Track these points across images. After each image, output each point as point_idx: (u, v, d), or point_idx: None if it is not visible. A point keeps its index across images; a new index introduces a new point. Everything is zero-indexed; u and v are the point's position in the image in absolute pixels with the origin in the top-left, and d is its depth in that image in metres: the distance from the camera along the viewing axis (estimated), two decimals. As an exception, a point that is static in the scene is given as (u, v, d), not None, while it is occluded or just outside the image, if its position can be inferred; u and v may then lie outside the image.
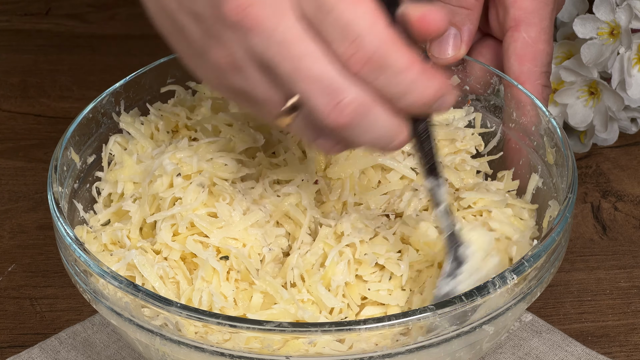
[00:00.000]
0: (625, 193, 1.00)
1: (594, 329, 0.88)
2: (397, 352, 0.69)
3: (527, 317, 0.87)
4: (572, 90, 1.00)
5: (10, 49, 1.21)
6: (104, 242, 0.80)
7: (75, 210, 0.81)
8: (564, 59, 1.02)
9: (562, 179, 0.79)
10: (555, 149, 0.81)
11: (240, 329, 0.67)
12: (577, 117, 1.01)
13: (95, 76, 1.16)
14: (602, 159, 1.04)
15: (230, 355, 0.69)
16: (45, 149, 1.06)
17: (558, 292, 0.91)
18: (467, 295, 0.69)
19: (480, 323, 0.71)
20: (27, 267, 0.94)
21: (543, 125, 0.83)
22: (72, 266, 0.75)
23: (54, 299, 0.91)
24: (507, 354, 0.84)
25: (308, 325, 0.68)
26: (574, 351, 0.84)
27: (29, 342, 0.87)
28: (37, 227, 0.98)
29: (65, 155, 0.81)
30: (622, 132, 1.05)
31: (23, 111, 1.12)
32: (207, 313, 0.68)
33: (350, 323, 0.67)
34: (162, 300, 0.69)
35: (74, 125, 0.83)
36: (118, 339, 0.86)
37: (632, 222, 0.97)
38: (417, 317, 0.68)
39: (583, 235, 0.96)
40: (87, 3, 1.29)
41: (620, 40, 0.97)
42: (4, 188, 1.02)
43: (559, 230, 0.74)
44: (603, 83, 0.99)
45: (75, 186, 0.82)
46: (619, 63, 0.99)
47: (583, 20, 0.98)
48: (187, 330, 0.69)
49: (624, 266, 0.93)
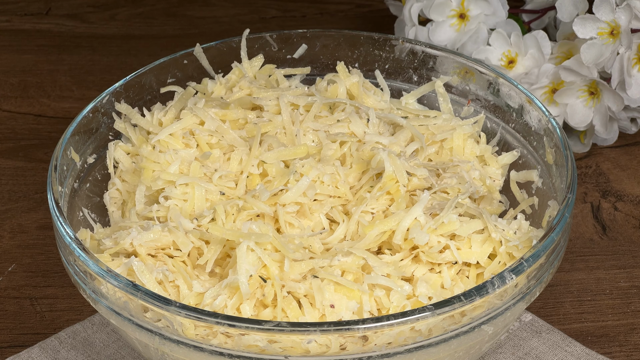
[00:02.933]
0: (625, 193, 1.00)
1: (593, 329, 0.88)
2: (396, 351, 0.69)
3: (526, 317, 0.87)
4: (572, 90, 1.00)
5: (10, 49, 1.21)
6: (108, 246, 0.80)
7: (75, 210, 0.82)
8: (564, 59, 1.02)
9: (562, 179, 0.79)
10: (555, 149, 0.81)
11: (240, 328, 0.67)
12: (577, 117, 1.01)
13: (95, 76, 1.17)
14: (602, 159, 1.04)
15: (229, 355, 0.69)
16: (45, 149, 1.06)
17: (558, 292, 0.91)
18: (465, 295, 0.69)
19: (479, 323, 0.71)
20: (27, 267, 0.94)
21: (542, 125, 0.83)
22: (71, 266, 0.75)
23: (54, 299, 0.91)
24: (507, 354, 0.84)
25: (307, 325, 0.68)
26: (573, 351, 0.84)
27: (29, 341, 0.87)
28: (37, 227, 0.98)
29: (65, 155, 0.81)
30: (622, 132, 1.05)
31: (23, 111, 1.12)
32: (206, 313, 0.68)
33: (349, 323, 0.67)
34: (161, 300, 0.69)
35: (74, 125, 0.83)
36: (118, 339, 0.86)
37: (632, 222, 0.97)
38: (416, 316, 0.68)
39: (583, 235, 0.96)
40: (87, 3, 1.29)
41: (620, 40, 0.97)
42: (4, 188, 1.02)
43: (558, 230, 0.74)
44: (603, 83, 0.99)
45: (75, 186, 0.82)
46: (619, 63, 0.99)
47: (583, 20, 0.98)
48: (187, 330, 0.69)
49: (624, 266, 0.93)
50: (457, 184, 0.80)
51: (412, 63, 0.91)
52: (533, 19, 1.08)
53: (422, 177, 0.80)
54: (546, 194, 0.82)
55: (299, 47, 0.92)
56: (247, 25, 1.24)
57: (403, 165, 0.80)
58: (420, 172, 0.80)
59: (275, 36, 0.91)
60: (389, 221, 0.77)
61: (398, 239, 0.76)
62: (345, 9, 1.28)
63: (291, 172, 0.80)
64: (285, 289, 0.74)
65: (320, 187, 0.81)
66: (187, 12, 1.26)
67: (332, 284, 0.74)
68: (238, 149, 0.83)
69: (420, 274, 0.76)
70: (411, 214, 0.76)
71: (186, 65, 0.90)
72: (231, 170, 0.83)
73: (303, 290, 0.73)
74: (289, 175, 0.80)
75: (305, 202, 0.80)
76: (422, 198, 0.77)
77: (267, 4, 1.29)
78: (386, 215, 0.79)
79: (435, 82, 0.90)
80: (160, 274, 0.75)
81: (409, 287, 0.75)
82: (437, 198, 0.79)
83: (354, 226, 0.79)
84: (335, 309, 0.73)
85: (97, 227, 0.82)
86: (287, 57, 0.92)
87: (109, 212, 0.83)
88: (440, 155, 0.86)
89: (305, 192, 0.80)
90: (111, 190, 0.84)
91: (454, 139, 0.85)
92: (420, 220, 0.76)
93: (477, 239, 0.76)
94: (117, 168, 0.84)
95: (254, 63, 0.90)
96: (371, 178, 0.82)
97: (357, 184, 0.82)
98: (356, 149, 0.83)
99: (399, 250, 0.77)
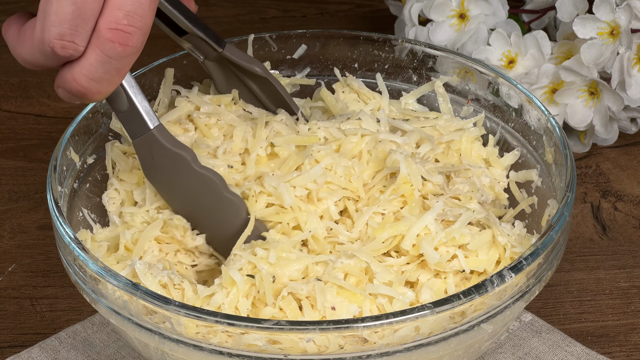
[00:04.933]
0: (625, 193, 1.00)
1: (593, 329, 0.87)
2: (395, 350, 0.69)
3: (526, 317, 0.87)
4: (572, 90, 1.00)
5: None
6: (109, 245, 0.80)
7: (75, 211, 0.82)
8: (564, 59, 1.02)
9: (561, 178, 0.79)
10: (554, 148, 0.81)
11: (239, 327, 0.67)
12: (577, 117, 1.01)
13: (95, 76, 1.16)
14: (602, 159, 1.04)
15: (229, 354, 0.69)
16: (45, 149, 1.06)
17: (558, 291, 0.91)
18: (465, 293, 0.69)
19: (478, 322, 0.71)
20: (27, 267, 0.94)
21: (542, 125, 0.83)
22: (71, 266, 0.75)
23: (54, 299, 0.91)
24: (507, 354, 0.84)
25: (306, 324, 0.68)
26: (573, 351, 0.84)
27: (29, 341, 0.87)
28: (37, 227, 0.98)
29: (65, 155, 0.81)
30: (622, 132, 1.05)
31: (23, 111, 1.12)
32: (205, 312, 0.68)
33: (348, 321, 0.67)
34: (160, 299, 0.69)
35: (74, 125, 0.83)
36: (118, 339, 0.86)
37: (632, 222, 0.97)
38: (416, 315, 0.68)
39: (583, 235, 0.96)
40: (87, 4, 1.29)
41: (620, 40, 0.97)
42: (4, 188, 1.02)
43: (557, 228, 0.74)
44: (603, 83, 0.99)
45: (75, 186, 0.82)
46: (619, 63, 0.99)
47: (583, 20, 0.98)
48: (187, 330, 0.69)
49: (624, 266, 0.93)
50: (470, 191, 0.81)
51: (412, 63, 0.91)
52: (533, 19, 1.09)
53: (436, 183, 0.80)
54: (546, 194, 0.82)
55: (299, 48, 0.92)
56: (247, 25, 1.24)
57: (419, 169, 0.80)
58: (435, 179, 0.80)
59: (275, 36, 0.91)
60: (399, 226, 0.77)
61: (407, 244, 0.76)
62: (345, 9, 1.28)
63: (306, 156, 0.80)
64: (286, 289, 0.74)
65: (332, 177, 0.80)
66: (187, 12, 1.26)
67: (335, 286, 0.74)
68: (238, 127, 0.83)
69: (425, 279, 0.76)
70: (422, 221, 0.76)
71: (186, 65, 0.89)
72: (234, 147, 0.82)
73: (305, 292, 0.73)
74: (303, 157, 0.80)
75: (314, 188, 0.80)
76: (435, 206, 0.77)
77: (267, 4, 1.29)
78: (397, 218, 0.79)
79: (435, 82, 0.90)
80: (165, 277, 0.75)
81: (411, 294, 0.75)
82: (449, 203, 0.79)
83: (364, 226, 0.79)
84: (336, 311, 0.73)
85: (96, 227, 0.82)
86: (287, 58, 0.92)
87: (108, 212, 0.83)
88: (446, 155, 0.86)
89: (316, 179, 0.80)
90: (109, 190, 0.84)
91: (462, 141, 0.86)
92: (431, 228, 0.76)
93: (484, 247, 0.77)
94: (115, 168, 0.84)
95: None
96: (385, 177, 0.82)
97: (371, 182, 0.82)
98: (373, 146, 0.83)
99: (405, 253, 0.77)
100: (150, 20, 0.68)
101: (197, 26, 0.81)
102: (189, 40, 0.82)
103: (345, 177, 0.81)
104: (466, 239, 0.76)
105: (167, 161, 0.78)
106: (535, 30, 1.03)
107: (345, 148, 0.82)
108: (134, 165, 0.84)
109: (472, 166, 0.83)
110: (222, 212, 0.79)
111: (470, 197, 0.80)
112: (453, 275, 0.76)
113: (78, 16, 0.67)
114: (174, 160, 0.77)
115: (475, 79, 0.89)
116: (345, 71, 0.92)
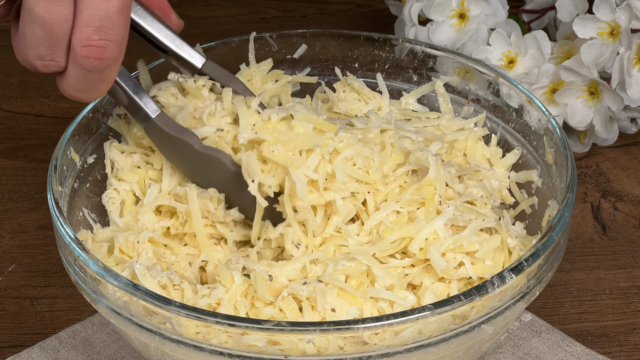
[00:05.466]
0: (625, 193, 1.00)
1: (593, 329, 0.88)
2: (395, 351, 0.69)
3: (526, 317, 0.87)
4: (572, 90, 1.00)
5: (10, 49, 1.20)
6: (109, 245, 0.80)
7: (75, 210, 0.82)
8: (564, 59, 1.02)
9: (562, 178, 0.79)
10: (555, 149, 0.81)
11: (239, 328, 0.67)
12: (577, 117, 1.01)
13: (95, 76, 1.16)
14: (602, 159, 1.04)
15: (229, 355, 0.69)
16: (45, 149, 1.06)
17: (558, 292, 0.91)
18: (465, 294, 0.69)
19: (479, 322, 0.71)
20: (27, 267, 0.94)
21: (542, 125, 0.83)
22: (71, 266, 0.75)
23: (54, 299, 0.91)
24: (507, 354, 0.84)
25: (307, 325, 0.68)
26: (573, 351, 0.84)
27: (29, 341, 0.87)
28: (37, 227, 0.98)
29: (65, 155, 0.81)
30: (622, 132, 1.05)
31: (23, 111, 1.12)
32: (205, 312, 0.68)
33: (348, 322, 0.67)
34: (161, 300, 0.69)
35: (74, 125, 0.83)
36: (118, 339, 0.86)
37: (632, 222, 0.97)
38: (416, 316, 0.68)
39: (583, 235, 0.96)
40: (87, 3, 1.29)
41: (620, 40, 0.97)
42: (4, 188, 1.02)
43: (557, 229, 0.74)
44: (603, 83, 0.99)
45: (75, 186, 0.82)
46: (619, 63, 0.99)
47: (583, 20, 0.98)
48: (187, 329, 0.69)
49: (624, 266, 0.93)
50: (485, 197, 0.81)
51: (412, 63, 0.91)
52: (533, 19, 1.08)
53: (457, 191, 0.80)
54: (546, 194, 0.82)
55: (299, 47, 0.92)
56: (247, 25, 1.24)
57: (445, 176, 0.79)
58: (457, 187, 0.80)
59: (275, 36, 0.91)
60: (408, 228, 0.77)
61: (414, 247, 0.76)
62: (345, 9, 1.28)
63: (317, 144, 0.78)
64: (287, 290, 0.74)
65: (350, 168, 0.79)
66: (187, 12, 1.26)
67: (336, 288, 0.74)
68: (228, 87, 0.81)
69: (430, 283, 0.76)
70: (432, 226, 0.76)
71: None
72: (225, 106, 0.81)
73: (306, 293, 0.73)
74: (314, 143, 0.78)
75: (318, 178, 0.78)
76: (445, 211, 0.77)
77: (267, 4, 1.29)
78: (410, 218, 0.79)
79: (435, 82, 0.90)
80: (164, 277, 0.75)
81: (412, 297, 0.75)
82: (460, 208, 0.78)
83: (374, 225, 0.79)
84: (336, 313, 0.73)
85: (97, 227, 0.82)
86: (287, 57, 0.92)
87: (107, 212, 0.83)
88: (450, 154, 0.86)
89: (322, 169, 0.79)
90: (109, 190, 0.84)
91: (468, 141, 0.85)
92: (440, 233, 0.76)
93: (491, 252, 0.77)
94: (114, 168, 0.84)
95: (262, 67, 0.89)
96: (406, 173, 0.81)
97: (392, 174, 0.81)
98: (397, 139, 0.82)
99: (412, 256, 0.77)
100: (123, 30, 0.71)
101: (174, 44, 0.81)
102: (171, 57, 0.82)
103: (363, 169, 0.79)
104: (474, 246, 0.76)
105: (173, 146, 0.80)
106: (535, 30, 1.03)
107: (367, 136, 0.81)
108: (133, 164, 0.84)
109: (482, 168, 0.83)
110: (235, 186, 0.80)
111: (485, 203, 0.80)
112: (457, 280, 0.76)
113: (50, 38, 0.70)
114: (179, 145, 0.79)
115: (476, 79, 0.89)
116: (346, 71, 0.92)
